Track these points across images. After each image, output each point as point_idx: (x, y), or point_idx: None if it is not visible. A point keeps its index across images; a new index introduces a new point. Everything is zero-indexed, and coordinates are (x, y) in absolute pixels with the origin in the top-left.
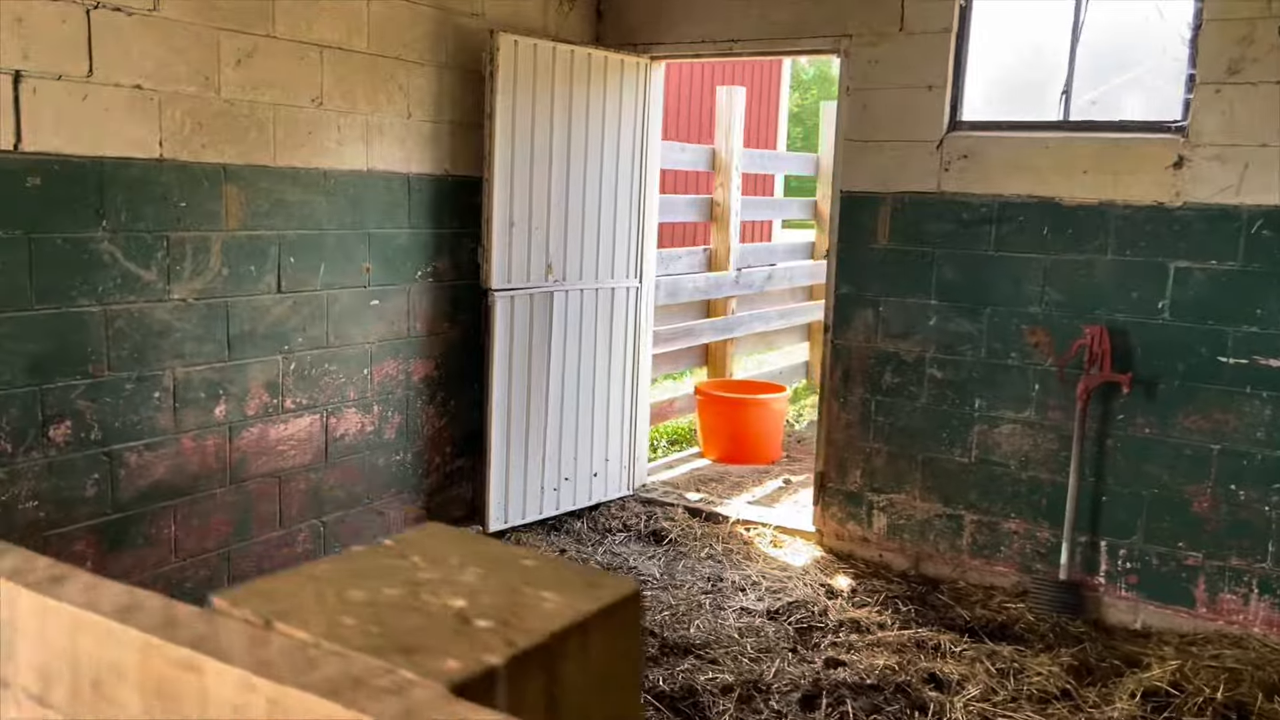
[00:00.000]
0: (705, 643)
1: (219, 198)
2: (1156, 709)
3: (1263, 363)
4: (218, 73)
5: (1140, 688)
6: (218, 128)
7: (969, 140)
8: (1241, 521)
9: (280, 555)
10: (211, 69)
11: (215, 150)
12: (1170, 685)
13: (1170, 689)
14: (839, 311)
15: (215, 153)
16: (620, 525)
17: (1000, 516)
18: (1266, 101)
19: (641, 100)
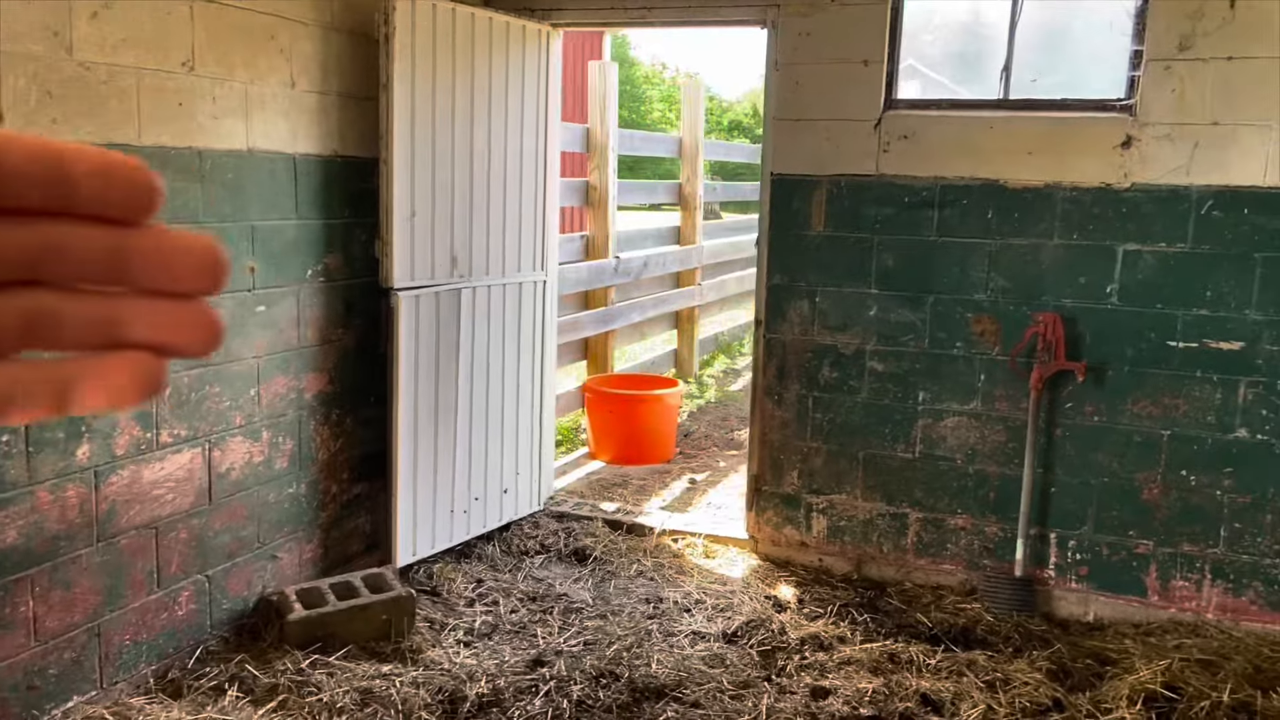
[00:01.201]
0: (676, 681)
1: None
2: (1161, 716)
3: (1212, 346)
4: (70, 27)
5: (1133, 692)
6: (71, 97)
7: (909, 119)
8: (1192, 507)
9: (160, 622)
10: (62, 22)
11: (69, 125)
12: (1163, 687)
13: (1166, 691)
14: (772, 303)
15: (69, 128)
16: (537, 546)
17: (946, 513)
18: (1217, 78)
19: (543, 73)
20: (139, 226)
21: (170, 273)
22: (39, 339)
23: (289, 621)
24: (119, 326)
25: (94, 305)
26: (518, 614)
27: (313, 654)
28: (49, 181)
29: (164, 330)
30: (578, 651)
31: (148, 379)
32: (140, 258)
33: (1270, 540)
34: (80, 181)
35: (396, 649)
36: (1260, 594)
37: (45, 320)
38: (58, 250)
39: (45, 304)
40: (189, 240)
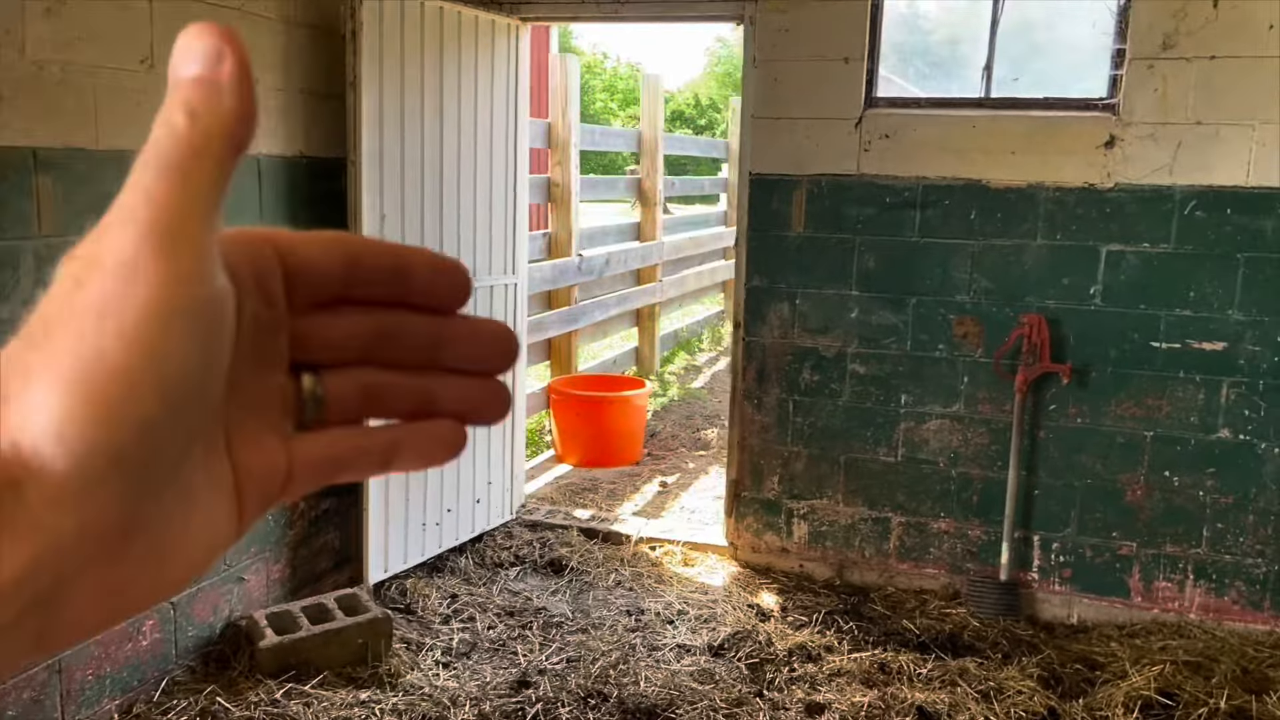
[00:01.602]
0: (668, 701)
1: (29, 194)
2: None
3: (1195, 346)
4: (22, 24)
5: (1129, 699)
6: (25, 100)
7: (891, 118)
8: (1175, 508)
9: (123, 654)
10: (14, 19)
11: (22, 130)
12: (1158, 692)
13: (1161, 697)
14: (751, 306)
15: (22, 133)
16: (512, 557)
17: (929, 516)
18: (1200, 77)
19: (512, 68)
20: (454, 315)
21: (476, 355)
22: (373, 409)
23: (260, 649)
24: (434, 399)
25: (415, 381)
26: (496, 630)
27: (286, 682)
28: (394, 280)
29: (469, 402)
30: (561, 670)
31: (454, 442)
32: (453, 341)
33: (1252, 540)
34: (415, 280)
35: (374, 674)
36: (1242, 593)
37: (380, 394)
38: (393, 336)
39: (380, 380)
40: (492, 327)
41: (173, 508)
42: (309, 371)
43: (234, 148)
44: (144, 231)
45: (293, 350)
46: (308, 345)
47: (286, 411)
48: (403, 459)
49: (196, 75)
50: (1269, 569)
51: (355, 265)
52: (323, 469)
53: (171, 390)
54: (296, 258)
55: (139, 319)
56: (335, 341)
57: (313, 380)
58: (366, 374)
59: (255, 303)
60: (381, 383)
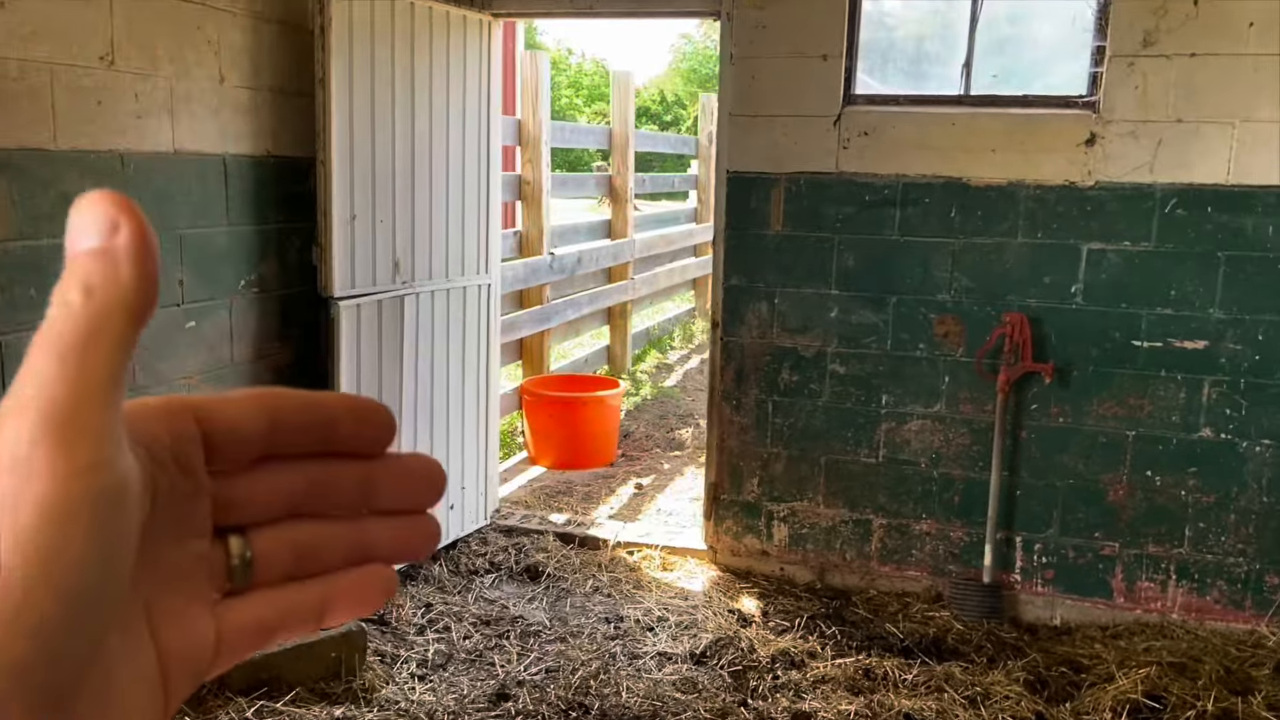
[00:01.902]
0: (651, 712)
1: None
2: None
3: (1177, 345)
4: None
5: (1116, 703)
6: None
7: (870, 116)
8: (1158, 507)
9: None
10: None
11: None
12: (1144, 695)
13: (1148, 700)
14: (729, 305)
15: None
16: (487, 564)
17: (911, 518)
18: (1181, 75)
19: (485, 65)
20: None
21: (405, 493)
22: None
23: None
24: (367, 546)
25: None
26: (472, 640)
27: (258, 699)
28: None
29: (400, 541)
30: (540, 680)
31: (388, 586)
32: (383, 484)
33: (1233, 539)
34: (340, 428)
35: (348, 689)
36: (1224, 593)
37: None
38: (320, 486)
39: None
40: (419, 463)
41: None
42: (235, 534)
43: (134, 322)
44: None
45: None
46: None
47: (213, 578)
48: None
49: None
50: (1250, 568)
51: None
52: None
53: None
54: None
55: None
56: (262, 500)
57: (240, 543)
58: (296, 529)
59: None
60: (313, 537)
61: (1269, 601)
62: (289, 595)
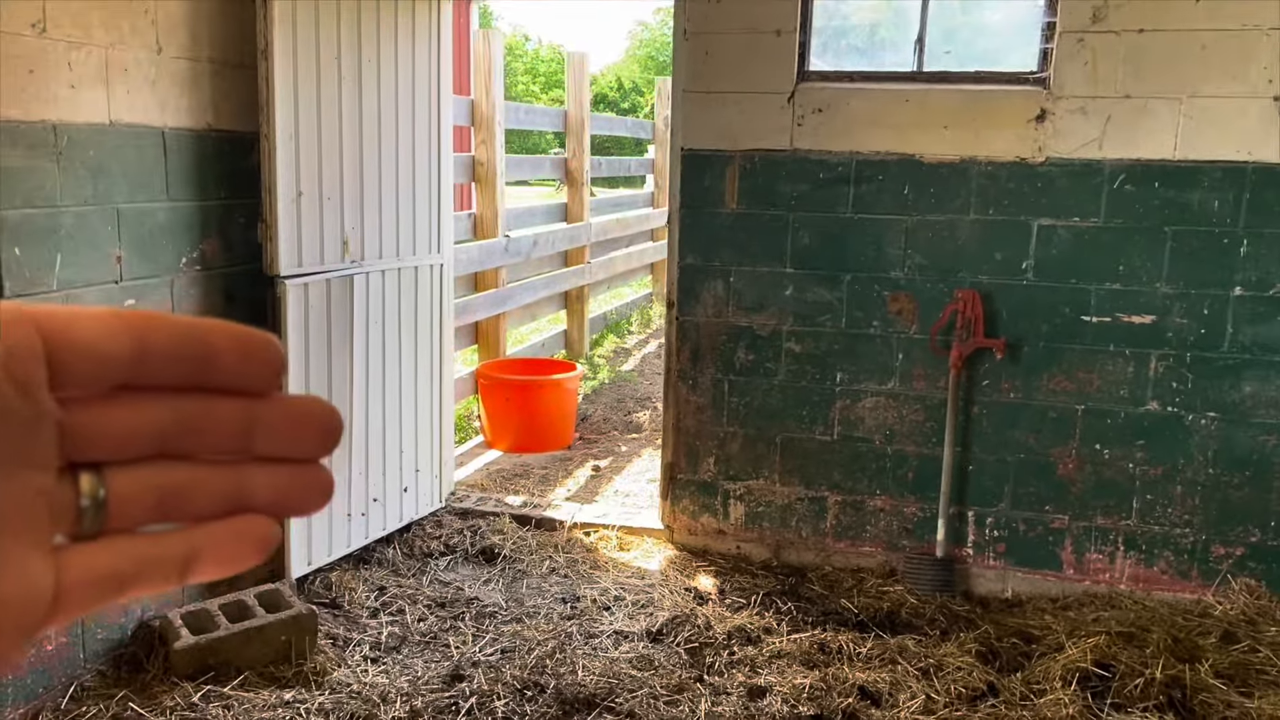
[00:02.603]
0: (607, 689)
1: None
2: (1096, 695)
3: (1125, 320)
4: None
5: (1066, 672)
6: None
7: (824, 92)
8: (1106, 480)
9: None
10: None
11: None
12: (1094, 664)
13: (1097, 669)
14: (684, 285)
15: None
16: (442, 546)
17: (865, 494)
18: (1130, 50)
19: (434, 41)
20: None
21: (292, 440)
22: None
23: (175, 650)
24: (244, 494)
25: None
26: (426, 622)
27: (205, 684)
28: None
29: (284, 494)
30: (496, 661)
31: (265, 541)
32: (266, 427)
33: (1180, 510)
34: (220, 361)
35: (299, 672)
36: (1170, 564)
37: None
38: (193, 424)
39: (179, 478)
40: (310, 406)
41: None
42: (89, 471)
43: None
44: None
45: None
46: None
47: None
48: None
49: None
50: (1196, 539)
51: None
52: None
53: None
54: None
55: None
56: (122, 434)
57: (93, 481)
58: (162, 471)
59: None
60: (180, 481)
61: (1215, 571)
62: (147, 544)
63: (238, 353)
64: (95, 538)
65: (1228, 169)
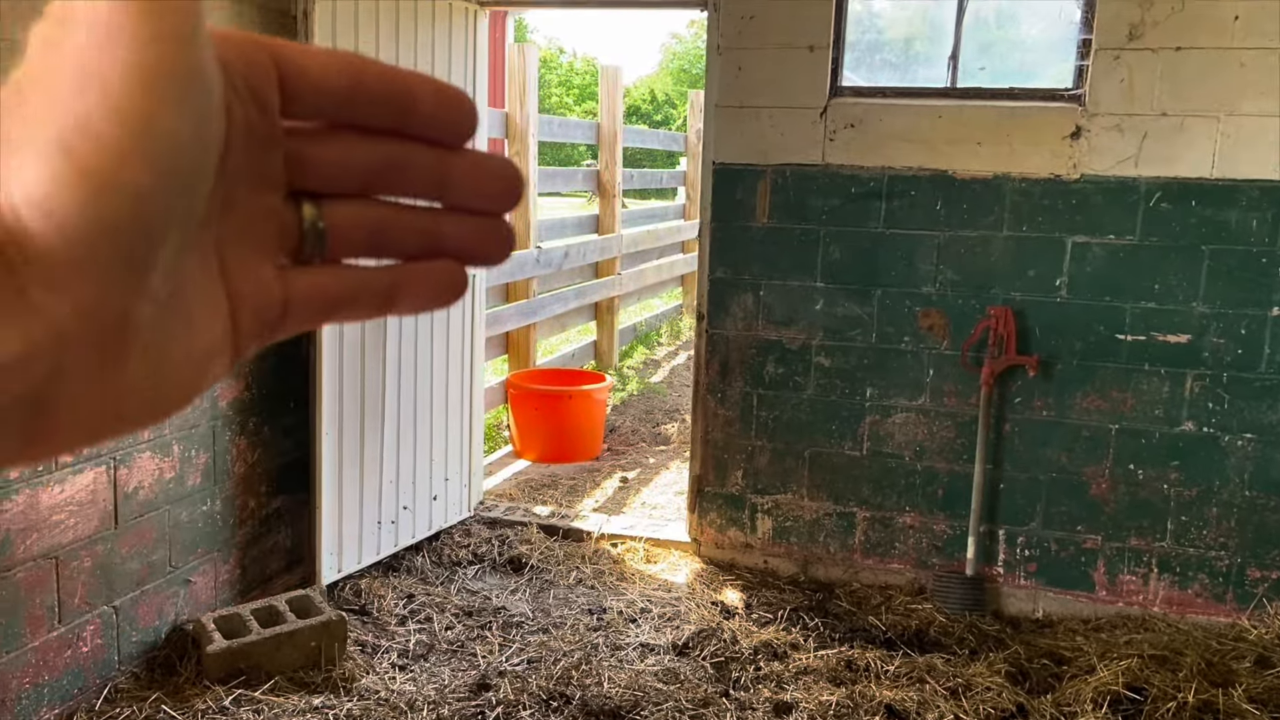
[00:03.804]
0: (633, 702)
1: None
2: (1127, 718)
3: (1160, 339)
4: None
5: (1097, 694)
6: None
7: (856, 108)
8: (1140, 501)
9: (62, 661)
10: None
11: None
12: (1125, 687)
13: (1129, 692)
14: (714, 298)
15: None
16: (470, 555)
17: (894, 511)
18: (1166, 68)
19: (470, 54)
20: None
21: (481, 191)
22: (377, 249)
23: (208, 654)
24: (437, 238)
25: (420, 218)
26: (454, 631)
27: (236, 688)
28: (398, 105)
29: (472, 241)
30: (522, 671)
31: (457, 285)
32: (458, 177)
33: (1214, 533)
34: (420, 107)
35: (328, 678)
36: (1205, 586)
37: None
38: (398, 167)
39: (385, 216)
40: (496, 162)
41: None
42: (310, 200)
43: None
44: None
45: (291, 174)
46: (306, 170)
47: (284, 242)
48: (403, 300)
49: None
50: (1231, 561)
51: (358, 84)
52: (320, 305)
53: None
54: (294, 66)
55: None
56: (336, 168)
57: (314, 210)
58: (371, 208)
59: (247, 108)
60: (387, 218)
61: (1250, 595)
62: (359, 273)
63: (437, 101)
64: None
65: (1266, 188)
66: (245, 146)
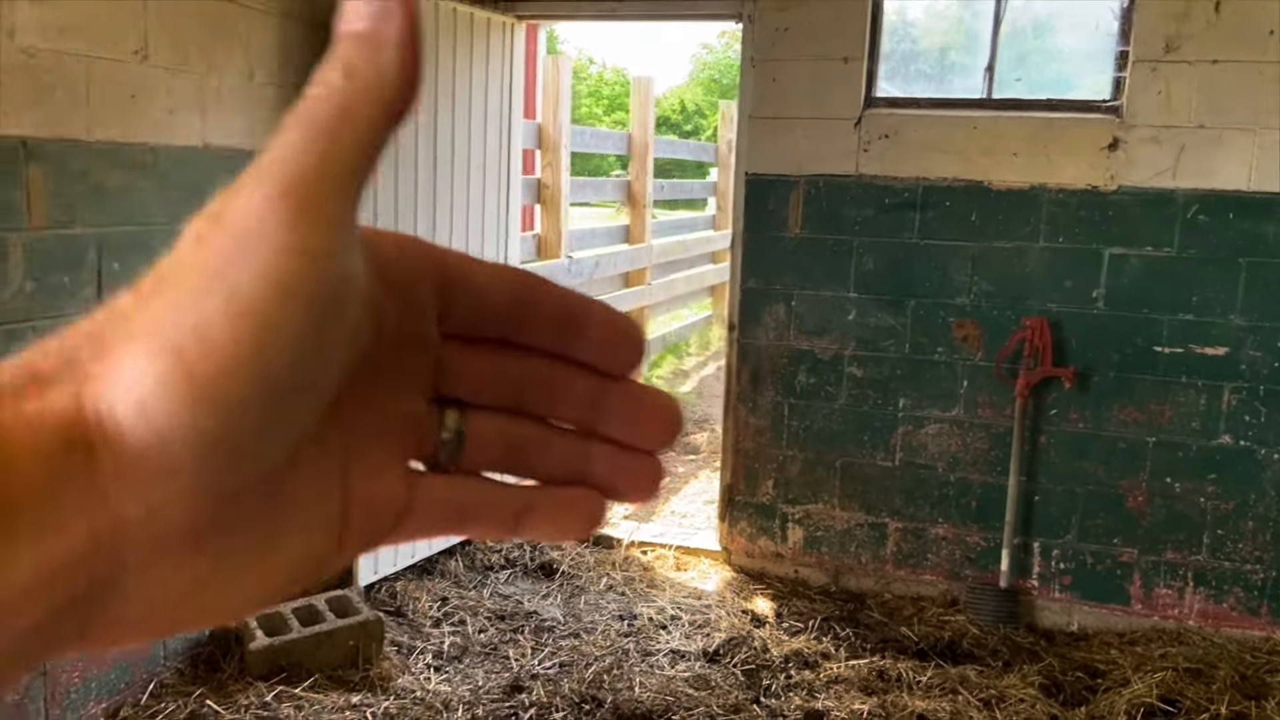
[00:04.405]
0: (664, 707)
1: (19, 184)
2: None
3: (1198, 351)
4: (11, 10)
5: (1131, 706)
6: (14, 88)
7: (890, 118)
8: (1176, 514)
9: (109, 657)
10: (3, 4)
11: (12, 119)
12: (1159, 699)
13: (1163, 704)
14: (746, 307)
15: (12, 122)
16: (502, 560)
17: (927, 522)
18: (1203, 80)
19: (507, 67)
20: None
21: (638, 426)
22: (515, 465)
23: (250, 651)
24: (584, 466)
25: (567, 442)
26: (487, 634)
27: (277, 685)
28: (566, 330)
29: (621, 475)
30: (554, 674)
31: (595, 517)
32: (617, 407)
33: (1250, 546)
34: (589, 334)
35: (365, 677)
36: (1240, 600)
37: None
38: (550, 386)
39: (529, 433)
40: (657, 398)
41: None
42: (453, 407)
43: (389, 112)
44: (274, 193)
45: (439, 381)
46: (457, 378)
47: (419, 446)
48: (534, 525)
49: (359, 30)
50: (1267, 575)
51: (527, 304)
52: (445, 516)
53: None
54: (463, 279)
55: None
56: (486, 380)
57: (456, 417)
58: (515, 423)
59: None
60: (530, 436)
61: None
62: (491, 487)
63: (608, 330)
64: (446, 472)
65: None
66: (394, 347)
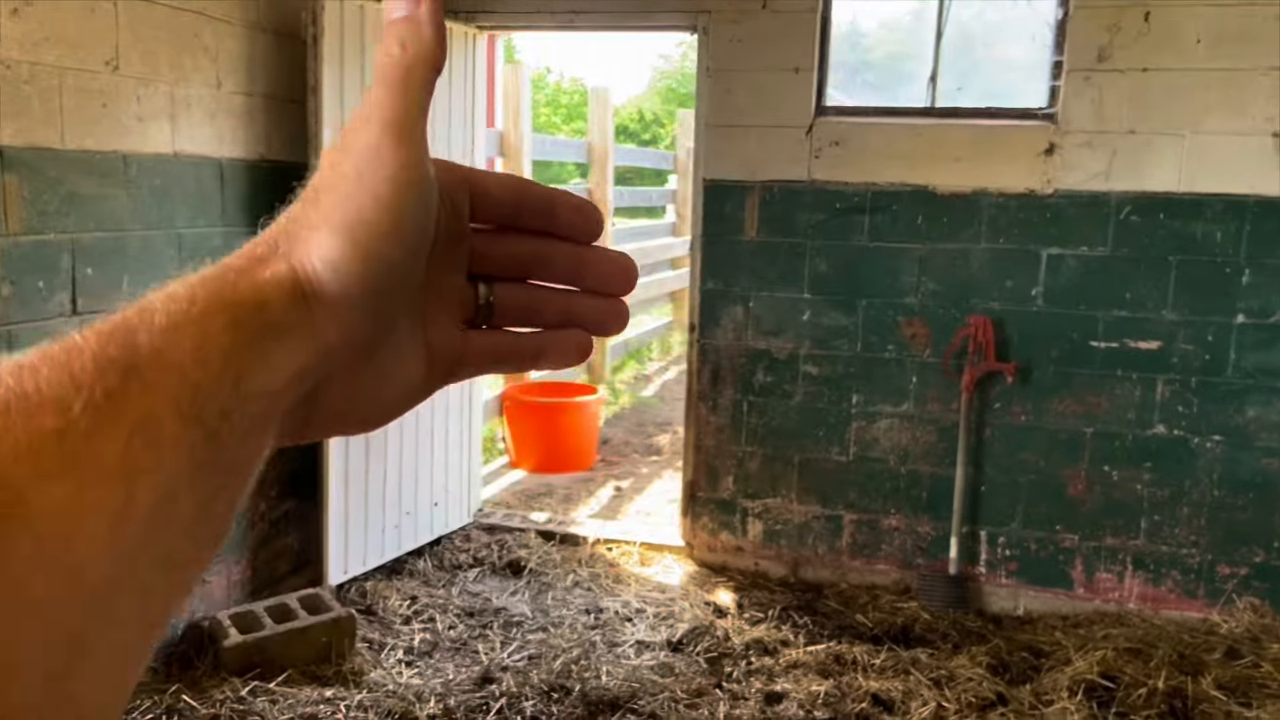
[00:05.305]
0: (630, 693)
1: None
2: (1102, 705)
3: (1132, 345)
4: None
5: (1073, 683)
6: None
7: (840, 126)
8: (1115, 501)
9: None
10: None
11: None
12: (1100, 676)
13: (1103, 680)
14: (705, 309)
15: None
16: (470, 559)
17: (880, 513)
18: (1134, 88)
19: (470, 77)
20: (588, 246)
21: (606, 278)
22: (528, 319)
23: (225, 647)
24: (573, 313)
25: (560, 298)
26: (456, 630)
27: (251, 680)
28: (548, 212)
29: (599, 316)
30: (523, 666)
31: (586, 348)
32: (590, 268)
33: (1186, 531)
34: (561, 213)
35: (338, 672)
36: (1178, 583)
37: (535, 307)
38: (547, 259)
39: (535, 295)
40: (618, 257)
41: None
42: (483, 281)
43: (433, 69)
44: (381, 127)
45: (472, 263)
46: (483, 260)
47: (464, 311)
48: (546, 359)
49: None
50: (1202, 559)
51: (522, 199)
52: (487, 359)
53: (407, 241)
54: (481, 186)
55: (387, 190)
56: (504, 259)
57: (486, 289)
58: (525, 290)
59: (447, 214)
60: (537, 297)
61: (1220, 590)
62: (515, 336)
63: (573, 209)
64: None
65: (1229, 201)
66: (445, 240)
